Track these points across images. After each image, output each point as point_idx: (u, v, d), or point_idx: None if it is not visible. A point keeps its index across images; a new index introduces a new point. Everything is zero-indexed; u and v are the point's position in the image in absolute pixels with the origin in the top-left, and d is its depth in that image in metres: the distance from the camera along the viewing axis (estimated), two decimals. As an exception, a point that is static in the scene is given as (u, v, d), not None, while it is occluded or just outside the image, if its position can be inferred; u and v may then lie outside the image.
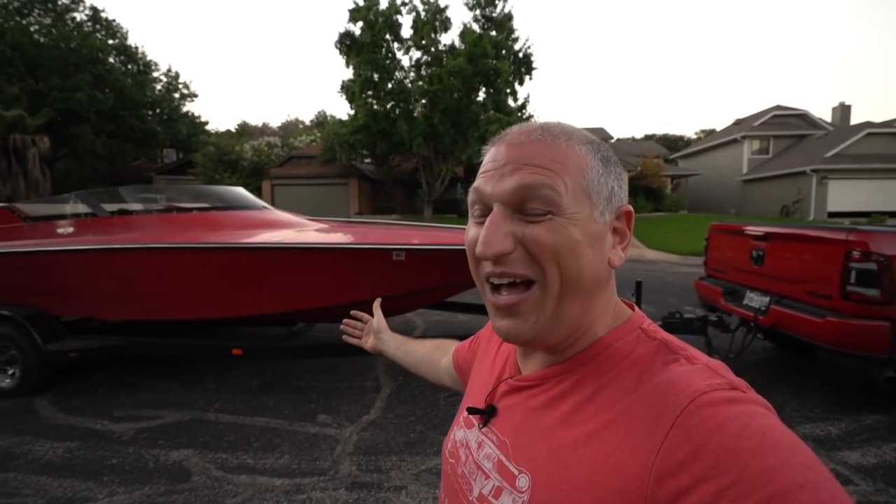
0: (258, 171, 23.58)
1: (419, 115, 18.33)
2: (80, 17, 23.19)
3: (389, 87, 18.46)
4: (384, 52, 18.57)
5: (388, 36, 18.44)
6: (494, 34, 17.87)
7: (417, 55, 18.99)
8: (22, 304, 3.60)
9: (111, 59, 23.34)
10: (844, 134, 21.18)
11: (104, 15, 23.82)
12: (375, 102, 18.86)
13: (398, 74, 19.05)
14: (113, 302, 3.67)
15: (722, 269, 4.32)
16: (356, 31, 18.39)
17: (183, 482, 2.42)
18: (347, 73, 21.60)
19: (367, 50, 17.95)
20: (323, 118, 44.45)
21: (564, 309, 0.47)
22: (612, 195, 0.49)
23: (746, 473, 0.34)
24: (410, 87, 18.53)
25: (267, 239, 3.43)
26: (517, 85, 19.07)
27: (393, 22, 18.22)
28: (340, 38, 18.53)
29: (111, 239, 3.48)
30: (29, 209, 4.02)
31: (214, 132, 34.45)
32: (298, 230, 3.78)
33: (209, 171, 22.13)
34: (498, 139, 0.52)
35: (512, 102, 19.01)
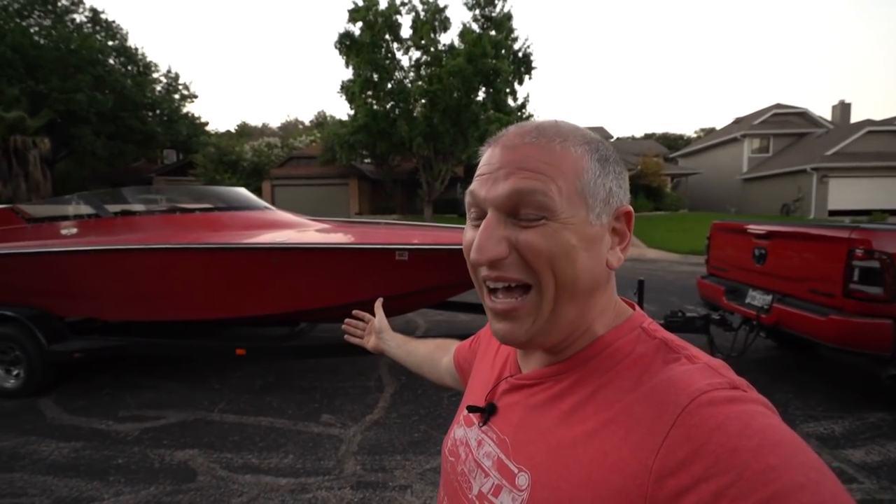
0: (258, 171, 23.61)
1: (419, 115, 18.32)
2: (79, 18, 23.22)
3: (389, 87, 18.48)
4: (384, 52, 18.57)
5: (387, 36, 18.44)
6: (494, 34, 17.86)
7: (417, 55, 18.99)
8: (26, 304, 3.61)
9: (111, 60, 23.35)
10: (845, 132, 21.17)
11: (104, 16, 23.88)
12: (375, 102, 18.87)
13: (398, 74, 19.05)
14: (116, 302, 3.68)
15: (724, 267, 4.32)
16: (356, 31, 18.39)
17: (188, 482, 2.44)
18: (347, 73, 21.71)
19: (366, 50, 17.96)
20: (323, 118, 44.40)
21: (561, 312, 0.47)
22: (609, 196, 0.48)
23: (747, 473, 0.34)
24: (410, 87, 18.52)
25: (269, 239, 3.43)
26: (517, 84, 19.06)
27: (392, 22, 18.22)
28: (340, 38, 18.52)
29: (115, 240, 3.48)
30: (32, 210, 4.02)
31: (214, 133, 34.50)
32: (300, 230, 3.78)
33: (209, 171, 22.17)
34: (494, 140, 0.51)
35: (512, 102, 19.01)
